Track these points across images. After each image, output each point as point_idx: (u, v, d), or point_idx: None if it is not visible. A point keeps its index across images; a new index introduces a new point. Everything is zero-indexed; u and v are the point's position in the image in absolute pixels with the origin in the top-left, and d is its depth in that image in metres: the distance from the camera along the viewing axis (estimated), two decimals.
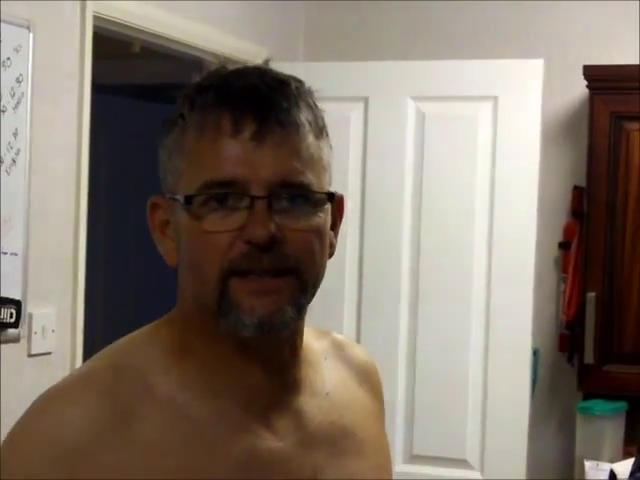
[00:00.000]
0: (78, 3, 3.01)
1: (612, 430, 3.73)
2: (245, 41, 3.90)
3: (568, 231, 3.99)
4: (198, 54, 3.74)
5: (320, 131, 1.14)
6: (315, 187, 1.11)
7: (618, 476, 3.00)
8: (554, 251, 4.05)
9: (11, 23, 2.73)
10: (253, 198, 1.08)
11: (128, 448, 1.07)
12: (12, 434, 1.12)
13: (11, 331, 2.77)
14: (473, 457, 3.72)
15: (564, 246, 4.01)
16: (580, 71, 3.80)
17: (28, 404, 3.02)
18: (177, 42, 3.55)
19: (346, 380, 1.27)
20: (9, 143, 2.73)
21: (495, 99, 3.76)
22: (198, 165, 1.10)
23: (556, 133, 4.04)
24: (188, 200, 1.09)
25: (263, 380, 1.14)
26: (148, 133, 5.73)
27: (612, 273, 3.76)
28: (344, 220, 1.21)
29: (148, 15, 3.34)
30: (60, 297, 2.98)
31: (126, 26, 3.28)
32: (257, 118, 1.08)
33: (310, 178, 1.11)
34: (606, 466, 3.40)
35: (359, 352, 1.33)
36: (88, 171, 3.07)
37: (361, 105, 3.84)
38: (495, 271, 3.73)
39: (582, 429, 3.75)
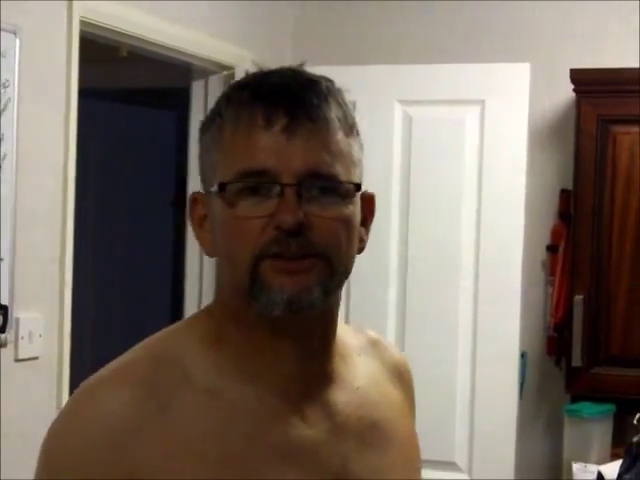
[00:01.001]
0: (65, 8, 3.01)
1: (600, 432, 3.74)
2: (233, 45, 3.90)
3: (555, 234, 4.00)
4: (185, 58, 3.74)
5: (350, 129, 1.20)
6: (343, 179, 1.17)
7: (606, 477, 3.01)
8: (541, 254, 4.06)
9: None
10: (283, 186, 1.14)
11: (168, 434, 1.12)
12: (58, 422, 1.17)
13: None
14: (461, 460, 3.73)
15: (551, 249, 4.02)
16: (567, 74, 3.81)
17: (16, 409, 3.00)
18: (164, 46, 3.54)
19: (378, 376, 1.31)
20: None
21: (482, 103, 3.77)
22: (233, 156, 1.17)
23: (543, 136, 4.05)
24: (222, 187, 1.16)
25: (296, 369, 1.19)
26: (135, 137, 5.75)
27: (599, 276, 3.76)
28: None
29: (135, 19, 3.33)
30: (47, 302, 2.97)
31: (113, 30, 3.28)
32: (288, 112, 1.14)
33: (338, 170, 1.16)
34: (594, 468, 3.41)
35: (393, 351, 1.39)
36: (75, 175, 3.06)
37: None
38: (483, 274, 3.73)
39: (570, 431, 3.75)
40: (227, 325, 1.20)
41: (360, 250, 1.23)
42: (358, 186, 1.19)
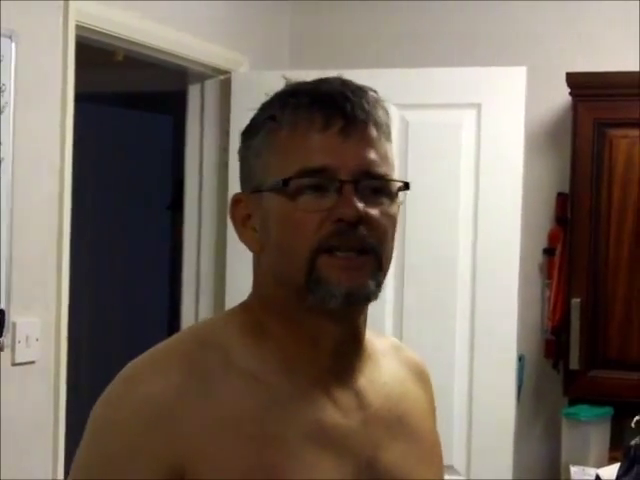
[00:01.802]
0: (61, 12, 3.01)
1: (598, 435, 3.74)
2: (229, 49, 3.90)
3: (552, 237, 4.00)
4: (182, 63, 3.75)
5: (389, 135, 1.30)
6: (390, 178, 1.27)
7: None
8: (539, 257, 4.06)
9: None
10: (342, 182, 1.23)
11: (211, 412, 1.19)
12: (107, 400, 1.22)
13: None
14: (459, 463, 3.72)
15: (548, 252, 4.02)
16: (563, 78, 3.82)
17: (13, 412, 3.00)
18: (160, 51, 3.54)
19: (402, 376, 1.39)
20: None
21: (478, 106, 3.76)
22: (292, 156, 1.25)
23: (540, 140, 4.05)
24: (285, 182, 1.23)
25: (332, 361, 1.27)
26: (132, 141, 5.74)
27: (596, 279, 3.76)
28: None
29: (131, 24, 3.34)
30: (44, 306, 2.97)
31: (109, 35, 3.28)
32: (344, 116, 1.24)
33: (386, 171, 1.27)
34: (592, 471, 3.41)
35: (412, 354, 1.46)
36: (72, 180, 3.06)
37: None
38: (480, 277, 3.73)
39: (568, 434, 3.75)
40: (267, 318, 1.27)
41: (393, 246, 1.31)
42: (407, 185, 1.29)
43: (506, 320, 3.70)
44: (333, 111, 1.24)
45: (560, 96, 3.94)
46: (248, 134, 1.30)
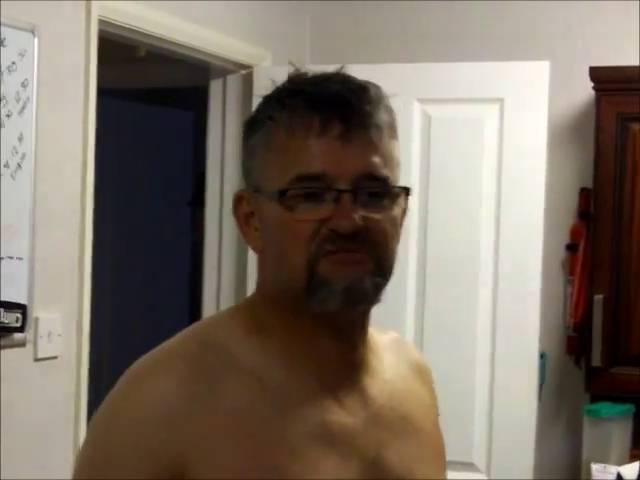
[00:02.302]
0: (83, 7, 3.01)
1: (619, 433, 3.72)
2: (251, 44, 3.90)
3: (575, 233, 3.98)
4: (203, 58, 3.74)
5: (394, 132, 1.27)
6: (392, 182, 1.25)
7: (625, 478, 2.99)
8: (561, 253, 4.04)
9: (16, 27, 2.73)
10: (340, 192, 1.20)
11: (215, 413, 1.18)
12: (112, 402, 1.22)
13: (17, 335, 2.77)
14: (480, 460, 3.71)
15: (571, 248, 4.00)
16: (586, 73, 3.80)
17: (35, 408, 3.01)
18: (182, 46, 3.54)
19: (404, 372, 1.37)
20: (14, 147, 2.73)
21: (501, 101, 3.75)
22: (288, 161, 1.22)
23: (563, 135, 4.03)
24: (282, 193, 1.20)
25: (335, 359, 1.25)
26: (153, 136, 5.74)
27: (619, 275, 3.74)
28: None
29: (153, 19, 3.34)
30: (66, 301, 2.98)
31: (131, 30, 3.28)
32: (343, 120, 1.20)
33: (388, 173, 1.24)
34: (613, 469, 3.39)
35: (414, 351, 1.46)
36: (94, 175, 3.06)
37: None
38: (502, 273, 3.72)
39: (589, 432, 3.74)
40: (270, 316, 1.26)
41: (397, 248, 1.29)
42: (407, 190, 1.26)
43: (528, 317, 3.68)
44: (331, 115, 1.20)
45: (583, 91, 3.92)
46: (248, 131, 1.28)
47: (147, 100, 5.50)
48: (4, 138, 2.70)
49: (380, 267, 1.23)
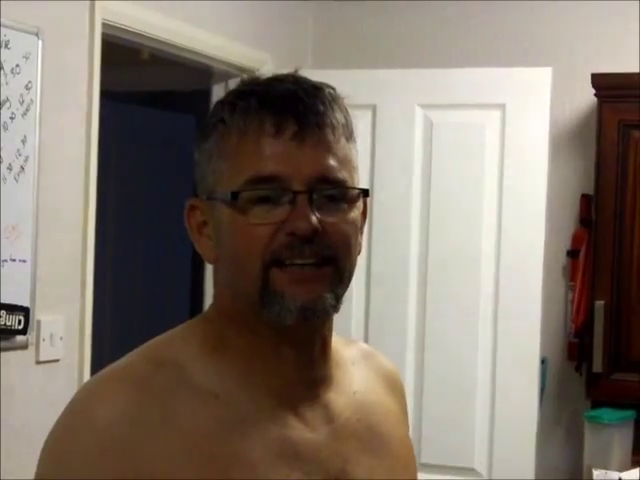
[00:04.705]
0: (87, 10, 3.02)
1: (620, 439, 3.72)
2: (254, 49, 3.90)
3: (576, 239, 3.99)
4: (206, 61, 3.75)
5: (350, 134, 1.22)
6: (349, 184, 1.20)
7: None
8: (562, 259, 4.04)
9: (20, 30, 2.73)
10: (295, 193, 1.15)
11: (169, 436, 1.12)
12: (58, 428, 1.17)
13: (19, 338, 2.77)
14: (481, 465, 3.71)
15: (572, 254, 4.00)
16: (588, 79, 3.80)
17: (36, 410, 2.99)
18: (185, 49, 3.55)
19: (373, 384, 1.33)
20: (18, 150, 2.73)
21: (503, 107, 3.75)
22: (241, 163, 1.17)
23: (564, 141, 4.04)
24: (234, 196, 1.16)
25: (295, 373, 1.21)
26: (156, 140, 5.73)
27: (620, 281, 3.75)
28: None
29: (157, 22, 3.34)
30: (68, 304, 2.97)
31: (135, 33, 3.29)
32: (297, 120, 1.16)
33: (345, 175, 1.19)
34: (614, 475, 3.40)
35: (384, 361, 1.40)
36: (96, 178, 3.07)
37: (369, 113, 3.84)
38: (503, 279, 3.72)
39: (590, 438, 3.73)
40: (227, 330, 1.21)
41: (357, 253, 1.23)
42: (365, 192, 1.21)
43: (529, 322, 3.69)
44: (285, 115, 1.16)
45: (585, 97, 3.93)
46: (201, 136, 1.22)
47: (149, 103, 5.50)
48: (8, 140, 2.70)
49: (340, 275, 1.18)
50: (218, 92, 4.04)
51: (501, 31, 4.13)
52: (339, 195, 1.18)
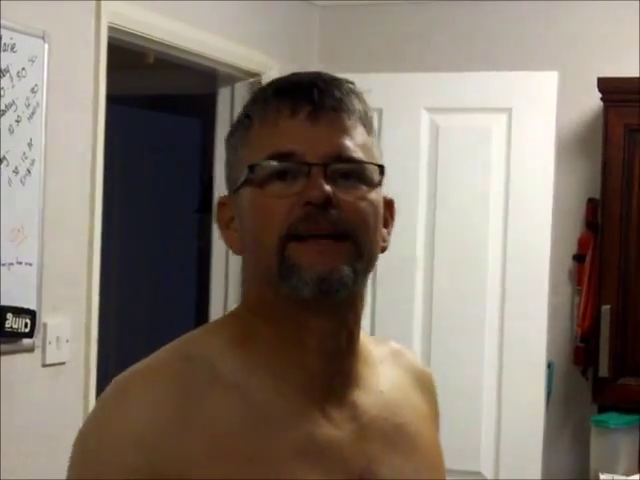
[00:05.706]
0: (93, 14, 3.02)
1: (627, 443, 3.71)
2: (260, 52, 3.91)
3: (582, 244, 3.98)
4: (212, 65, 3.75)
5: (370, 125, 1.25)
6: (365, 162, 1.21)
7: None
8: (568, 264, 4.03)
9: (26, 33, 2.73)
10: (310, 166, 1.17)
11: (198, 430, 1.14)
12: (92, 423, 1.19)
13: (26, 341, 2.77)
14: (487, 469, 3.71)
15: (578, 259, 3.99)
16: (594, 84, 3.79)
17: (42, 413, 2.99)
18: (191, 53, 3.55)
19: (402, 383, 1.33)
20: (24, 153, 2.74)
21: (509, 111, 3.75)
22: (260, 145, 1.21)
23: (570, 145, 4.03)
24: (251, 169, 1.20)
25: (322, 366, 1.21)
26: (161, 143, 5.74)
27: (627, 286, 3.74)
28: None
29: (162, 26, 3.34)
30: (74, 307, 2.98)
31: (141, 37, 3.29)
32: (312, 103, 1.20)
33: (362, 157, 1.20)
34: (621, 479, 3.39)
35: (417, 362, 1.41)
36: (102, 181, 3.07)
37: (375, 116, 3.84)
38: (509, 283, 3.72)
39: (597, 442, 3.73)
40: (254, 322, 1.22)
41: (383, 250, 1.24)
42: (381, 169, 1.22)
43: (535, 327, 3.68)
44: (300, 98, 1.20)
45: (591, 101, 3.92)
46: (229, 134, 1.28)
47: (155, 107, 5.51)
48: (14, 143, 2.70)
49: (359, 250, 1.18)
50: (224, 95, 4.04)
51: (507, 35, 4.13)
52: (355, 174, 1.19)
